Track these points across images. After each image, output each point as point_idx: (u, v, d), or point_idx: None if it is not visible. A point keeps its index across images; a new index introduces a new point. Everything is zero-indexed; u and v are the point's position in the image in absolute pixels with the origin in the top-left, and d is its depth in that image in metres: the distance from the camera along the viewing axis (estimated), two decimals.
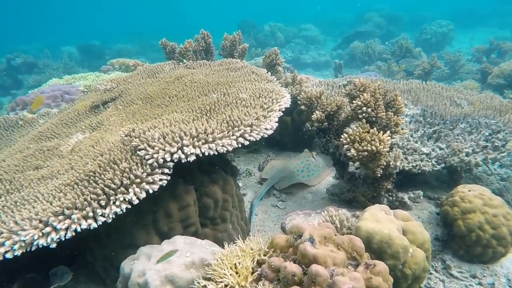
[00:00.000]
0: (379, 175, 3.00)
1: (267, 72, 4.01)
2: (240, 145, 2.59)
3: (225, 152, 2.50)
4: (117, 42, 20.84)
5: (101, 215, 2.14)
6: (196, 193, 2.74)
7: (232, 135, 2.57)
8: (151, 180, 2.29)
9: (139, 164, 2.38)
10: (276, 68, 4.59)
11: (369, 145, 2.69)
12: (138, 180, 2.28)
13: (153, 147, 2.39)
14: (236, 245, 2.15)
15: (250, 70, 4.13)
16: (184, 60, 4.73)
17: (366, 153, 2.69)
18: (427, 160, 3.53)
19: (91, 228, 2.09)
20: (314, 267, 1.70)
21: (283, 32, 18.41)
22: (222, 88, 3.48)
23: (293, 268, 1.77)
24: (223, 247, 2.67)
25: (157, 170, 2.34)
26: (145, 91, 3.86)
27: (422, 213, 3.59)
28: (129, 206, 2.23)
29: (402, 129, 3.09)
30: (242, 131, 2.61)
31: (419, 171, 3.39)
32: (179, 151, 2.36)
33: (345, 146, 2.86)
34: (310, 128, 3.69)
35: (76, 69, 12.24)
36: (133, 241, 2.53)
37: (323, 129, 3.56)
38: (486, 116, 4.04)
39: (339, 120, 3.61)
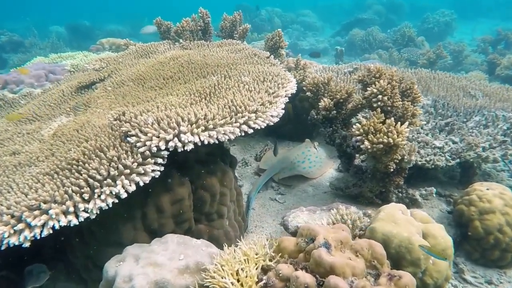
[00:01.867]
0: (392, 169, 2.75)
1: (270, 55, 3.70)
2: (243, 134, 2.31)
3: (226, 140, 2.22)
4: (108, 22, 20.11)
5: (84, 211, 1.85)
6: (191, 186, 2.47)
7: (235, 122, 2.28)
8: (142, 171, 2.01)
9: (129, 153, 2.09)
10: (279, 52, 4.29)
11: (385, 137, 2.43)
12: (128, 170, 1.99)
13: (145, 134, 2.10)
14: (238, 248, 1.88)
15: (252, 52, 3.82)
16: (181, 40, 4.39)
17: (381, 145, 2.44)
18: (440, 155, 3.29)
19: (71, 225, 1.81)
20: (333, 280, 1.45)
21: (281, 17, 17.93)
22: (223, 70, 3.18)
23: (306, 279, 1.52)
24: (219, 246, 2.42)
25: (149, 159, 2.06)
26: (137, 71, 3.53)
27: (433, 211, 3.37)
28: (116, 201, 1.95)
29: (420, 120, 2.83)
30: (246, 117, 2.32)
31: (433, 166, 3.16)
32: (176, 138, 2.08)
33: (358, 138, 2.59)
34: (316, 116, 3.41)
35: (64, 49, 11.69)
36: (119, 238, 2.26)
37: (330, 118, 3.28)
38: (503, 109, 3.81)
39: (347, 109, 3.34)
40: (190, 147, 2.09)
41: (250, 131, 2.33)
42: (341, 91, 3.09)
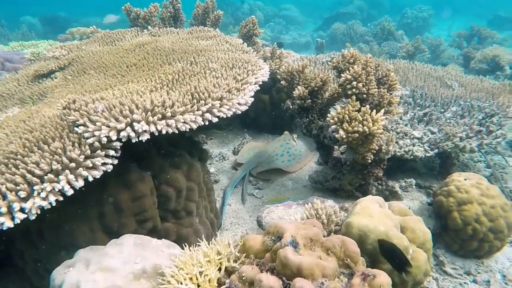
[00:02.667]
0: (369, 161, 2.61)
1: (243, 43, 3.51)
2: (207, 122, 2.11)
3: (187, 130, 2.02)
4: (86, 15, 19.44)
5: (20, 211, 1.62)
6: (154, 181, 2.26)
7: (197, 110, 2.08)
8: (91, 165, 1.79)
9: (76, 144, 1.86)
10: (253, 40, 4.09)
11: (360, 125, 2.28)
12: (73, 164, 1.76)
13: (94, 123, 1.87)
14: (199, 248, 1.70)
15: (224, 39, 3.61)
16: (149, 27, 4.14)
17: (356, 134, 2.28)
18: (419, 145, 3.18)
19: (4, 228, 1.58)
20: (299, 284, 1.28)
21: (263, 10, 17.71)
22: (190, 57, 2.96)
23: (270, 282, 1.34)
24: (189, 245, 2.23)
25: (99, 151, 1.83)
26: (100, 59, 3.28)
27: (413, 203, 3.26)
28: (61, 198, 1.73)
29: (396, 108, 2.69)
30: (210, 105, 2.12)
31: (412, 157, 3.04)
32: (128, 128, 1.86)
33: (332, 127, 2.43)
34: (291, 106, 3.24)
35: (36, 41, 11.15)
36: (73, 240, 2.03)
37: (305, 108, 3.12)
38: (478, 99, 3.73)
39: (324, 98, 3.18)
40: (145, 137, 1.88)
41: (215, 119, 2.13)
42: (316, 78, 2.93)
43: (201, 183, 2.47)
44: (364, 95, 2.57)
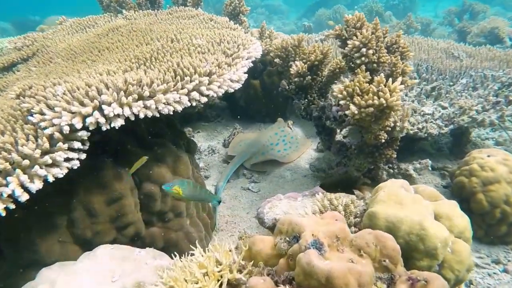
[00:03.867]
0: (383, 140, 2.28)
1: (229, 21, 3.14)
2: (194, 103, 1.75)
3: (171, 113, 1.65)
4: (58, 14, 18.61)
5: None
6: (134, 178, 1.89)
7: (182, 88, 1.71)
8: (50, 161, 1.41)
9: (31, 137, 1.47)
10: (240, 18, 3.71)
11: (375, 97, 1.94)
12: (27, 162, 1.38)
13: (53, 108, 1.49)
14: (192, 258, 1.34)
15: (208, 17, 3.23)
16: (124, 11, 3.72)
17: (371, 109, 1.95)
18: (431, 122, 2.87)
19: None
20: None
21: (245, 1, 17.22)
22: (170, 34, 2.58)
23: None
24: (180, 251, 1.87)
25: (61, 144, 1.45)
26: (68, 47, 2.88)
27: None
28: (12, 206, 1.35)
29: (410, 78, 2.37)
30: (197, 82, 1.76)
31: (426, 134, 2.73)
32: (96, 112, 1.48)
33: (340, 103, 2.09)
34: (288, 87, 2.89)
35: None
36: (38, 256, 1.65)
37: (304, 87, 2.77)
38: (490, 68, 3.44)
39: (322, 75, 2.84)
40: (118, 123, 1.51)
41: (203, 99, 1.77)
42: (315, 51, 2.58)
43: (191, 178, 2.10)
44: (375, 65, 2.23)
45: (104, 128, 1.49)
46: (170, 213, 2.03)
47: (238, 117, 4.33)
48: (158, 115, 1.61)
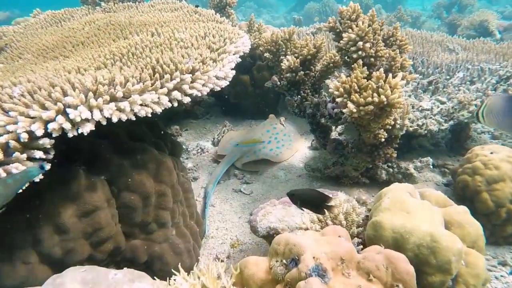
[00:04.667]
0: (383, 139, 2.13)
1: (215, 14, 2.94)
2: (175, 104, 1.56)
3: (149, 115, 1.46)
4: (45, 10, 18.06)
5: None
6: (111, 188, 1.70)
7: (161, 87, 1.52)
8: (4, 174, 1.21)
9: None
10: (227, 11, 3.51)
11: (375, 94, 1.78)
12: None
13: (7, 112, 1.28)
14: (176, 283, 1.16)
15: (192, 9, 3.03)
16: (102, 3, 3.48)
17: (371, 107, 1.78)
18: (430, 118, 2.73)
19: None
20: None
21: None
22: (151, 28, 2.38)
23: None
24: (165, 266, 1.71)
25: (18, 154, 1.25)
26: (40, 41, 2.64)
27: (427, 185, 2.82)
28: None
29: (411, 73, 2.21)
30: (178, 80, 1.57)
31: (426, 131, 2.58)
32: (60, 117, 1.28)
33: (337, 100, 1.92)
34: (279, 82, 2.71)
35: None
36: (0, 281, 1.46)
37: (296, 83, 2.60)
38: (486, 62, 3.31)
39: (315, 70, 2.67)
40: (87, 128, 1.31)
41: (186, 99, 1.58)
42: (308, 45, 2.41)
43: (175, 184, 1.92)
44: (372, 59, 2.07)
45: (70, 135, 1.29)
46: (154, 224, 1.84)
47: (223, 108, 4.13)
48: (134, 118, 1.42)
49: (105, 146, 1.71)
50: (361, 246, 1.47)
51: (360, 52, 2.01)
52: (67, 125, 1.27)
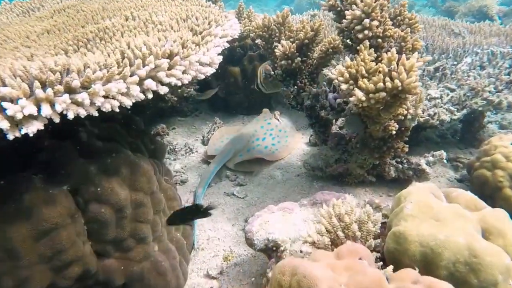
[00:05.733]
0: (394, 132, 1.87)
1: None
2: (150, 95, 1.28)
3: (116, 110, 1.18)
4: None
5: None
6: (76, 199, 1.41)
7: (131, 76, 1.23)
8: None
9: None
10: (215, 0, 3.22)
11: (387, 79, 1.51)
12: None
13: None
14: None
15: None
16: None
17: (383, 93, 1.51)
18: (441, 107, 2.47)
19: None
20: None
21: None
22: (126, 12, 2.09)
23: None
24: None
25: None
26: (1, 31, 2.33)
27: (439, 181, 2.58)
28: None
29: (422, 56, 1.95)
30: (152, 65, 1.28)
31: (438, 122, 2.33)
32: None
33: (343, 87, 1.65)
34: (273, 72, 2.44)
35: None
36: None
37: (292, 71, 2.33)
38: (496, 45, 3.07)
39: (313, 58, 2.39)
40: (33, 128, 1.02)
41: (164, 89, 1.30)
42: (305, 27, 2.13)
43: (156, 192, 1.63)
44: (379, 40, 1.80)
45: (10, 137, 1.00)
46: (130, 240, 1.56)
47: (213, 103, 3.84)
48: (96, 113, 1.13)
49: (67, 148, 1.41)
50: (381, 263, 1.20)
51: (366, 32, 1.74)
52: (4, 124, 0.98)
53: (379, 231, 1.30)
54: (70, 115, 1.09)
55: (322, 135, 2.52)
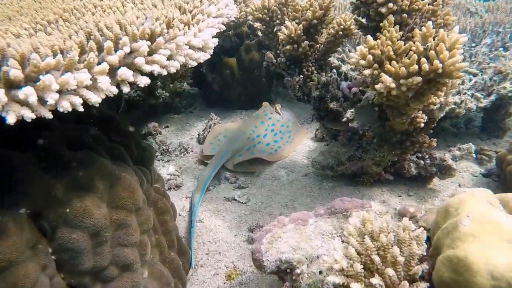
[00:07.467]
0: (422, 124, 1.58)
1: None
2: (126, 89, 0.98)
3: (79, 109, 0.88)
4: None
5: None
6: (39, 223, 1.11)
7: (99, 63, 0.93)
8: None
9: None
10: None
11: (423, 60, 1.22)
12: None
13: None
14: None
15: None
16: None
17: (419, 78, 1.23)
18: (465, 94, 2.20)
19: None
20: None
21: None
22: None
23: None
24: None
25: None
26: None
27: (462, 177, 2.31)
28: None
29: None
30: (128, 49, 0.98)
31: (464, 110, 2.05)
32: None
33: (365, 72, 1.36)
34: (275, 60, 2.14)
35: None
36: None
37: (298, 57, 2.03)
38: None
39: (320, 42, 2.10)
40: None
41: (143, 80, 1.00)
42: (312, 5, 1.83)
43: (142, 208, 1.34)
44: (405, 14, 1.50)
45: None
46: (113, 268, 1.27)
47: (208, 98, 3.54)
48: (49, 115, 0.83)
49: (24, 160, 1.11)
50: None
51: (390, 4, 1.45)
52: None
53: (425, 253, 1.03)
54: (11, 120, 0.79)
55: (332, 130, 2.23)
